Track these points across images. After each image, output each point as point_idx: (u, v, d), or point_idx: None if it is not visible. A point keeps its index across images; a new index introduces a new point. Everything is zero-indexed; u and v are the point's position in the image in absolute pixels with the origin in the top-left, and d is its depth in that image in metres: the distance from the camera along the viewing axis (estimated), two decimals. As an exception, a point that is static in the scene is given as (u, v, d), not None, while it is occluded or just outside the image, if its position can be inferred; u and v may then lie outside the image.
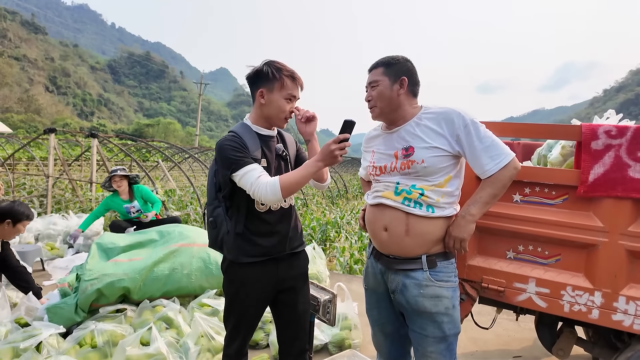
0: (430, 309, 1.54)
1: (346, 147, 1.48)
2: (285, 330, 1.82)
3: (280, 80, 1.61)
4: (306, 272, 1.86)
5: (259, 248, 1.66)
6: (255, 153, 1.62)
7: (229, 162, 1.56)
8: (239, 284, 1.69)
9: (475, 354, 2.92)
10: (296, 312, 1.80)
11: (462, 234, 1.53)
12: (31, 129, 48.49)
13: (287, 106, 1.64)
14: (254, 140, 1.65)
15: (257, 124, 1.70)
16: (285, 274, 1.74)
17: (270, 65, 1.62)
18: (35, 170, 14.88)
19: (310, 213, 9.06)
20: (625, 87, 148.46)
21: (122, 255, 3.21)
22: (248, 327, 1.76)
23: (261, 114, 1.68)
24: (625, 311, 1.62)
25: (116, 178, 4.60)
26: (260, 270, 1.68)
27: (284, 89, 1.62)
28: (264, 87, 1.63)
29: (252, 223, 1.66)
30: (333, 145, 1.47)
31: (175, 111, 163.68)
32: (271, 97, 1.63)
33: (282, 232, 1.71)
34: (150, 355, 2.20)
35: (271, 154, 1.71)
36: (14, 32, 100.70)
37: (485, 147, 1.49)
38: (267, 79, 1.61)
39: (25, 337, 2.31)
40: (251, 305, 1.71)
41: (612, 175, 1.62)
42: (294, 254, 1.78)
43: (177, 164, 9.01)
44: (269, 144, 1.71)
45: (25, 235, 5.11)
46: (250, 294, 1.69)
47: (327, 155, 1.49)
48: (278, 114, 1.65)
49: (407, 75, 1.60)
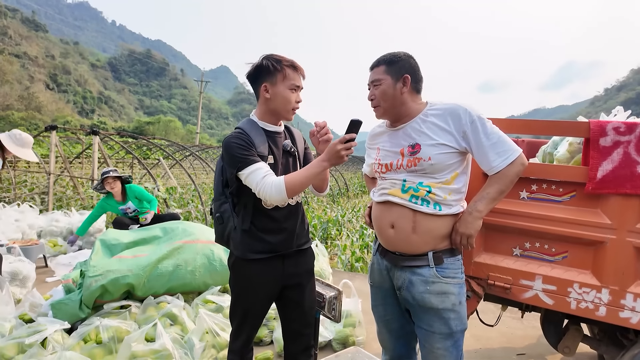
0: (437, 305, 1.54)
1: (352, 147, 1.48)
2: (290, 326, 1.82)
3: (282, 72, 1.60)
4: (312, 269, 1.86)
5: (265, 244, 1.66)
6: (261, 149, 1.61)
7: (235, 160, 1.56)
8: (246, 280, 1.70)
9: (479, 351, 2.92)
10: (302, 309, 1.80)
11: (469, 230, 1.52)
12: (32, 126, 48.49)
13: (292, 97, 1.63)
14: (260, 136, 1.64)
15: (264, 120, 1.69)
16: (292, 271, 1.74)
17: (270, 59, 1.61)
18: (36, 167, 14.88)
19: (311, 211, 9.06)
20: (626, 86, 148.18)
21: (126, 252, 3.22)
22: (254, 323, 1.76)
23: (267, 109, 1.67)
24: (632, 308, 1.61)
25: (109, 180, 4.48)
26: (267, 267, 1.68)
27: (287, 80, 1.61)
28: (267, 81, 1.62)
29: (258, 220, 1.65)
30: (339, 145, 1.47)
31: (175, 109, 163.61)
32: (275, 89, 1.61)
33: (289, 229, 1.70)
34: (155, 351, 2.20)
35: (278, 150, 1.70)
36: (15, 29, 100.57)
37: (492, 143, 1.49)
38: (269, 72, 1.60)
39: (30, 332, 2.31)
40: (257, 301, 1.71)
41: (621, 172, 1.61)
42: (300, 250, 1.78)
43: (179, 162, 9.00)
44: (275, 140, 1.70)
45: (28, 232, 5.12)
46: (257, 289, 1.69)
47: (332, 155, 1.49)
48: (285, 106, 1.64)
49: (410, 73, 1.58)
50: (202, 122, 72.03)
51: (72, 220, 5.49)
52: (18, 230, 5.00)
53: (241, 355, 1.78)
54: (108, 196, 4.66)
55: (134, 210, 4.72)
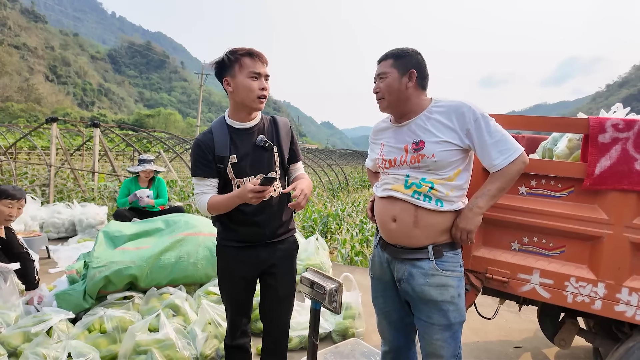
0: (436, 297, 1.57)
1: (261, 198, 1.57)
2: (266, 311, 1.91)
3: (238, 62, 1.61)
4: (291, 257, 1.89)
5: (236, 234, 1.77)
6: (222, 151, 1.68)
7: (191, 165, 1.74)
8: (223, 262, 1.82)
9: (476, 344, 2.96)
10: (277, 296, 1.86)
11: (469, 226, 1.55)
12: (31, 118, 48.36)
13: (253, 85, 1.63)
14: (223, 135, 1.70)
15: (233, 118, 1.73)
16: (267, 257, 1.80)
17: (226, 52, 1.64)
18: (36, 159, 14.88)
19: (311, 205, 9.09)
20: (628, 82, 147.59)
21: (129, 244, 3.25)
22: (238, 304, 1.85)
23: (234, 103, 1.70)
24: (628, 302, 1.64)
25: (149, 169, 4.76)
26: (241, 253, 1.78)
27: (244, 68, 1.62)
28: (227, 75, 1.65)
29: (230, 212, 1.72)
30: (250, 193, 1.54)
31: (175, 102, 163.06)
32: (236, 81, 1.63)
33: (259, 223, 1.75)
34: (159, 340, 2.24)
35: (246, 147, 1.72)
36: (14, 20, 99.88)
37: (495, 141, 1.51)
38: (227, 65, 1.63)
39: (35, 322, 2.35)
40: (234, 282, 1.81)
41: (619, 169, 1.63)
42: (278, 241, 1.83)
43: (179, 155, 9.01)
44: (242, 137, 1.72)
45: (30, 223, 5.15)
46: (232, 272, 1.80)
47: (244, 196, 1.58)
48: (248, 95, 1.64)
49: (417, 68, 1.59)
50: (202, 115, 71.82)
51: (74, 212, 5.51)
52: (20, 222, 5.03)
53: (232, 337, 1.87)
54: (135, 178, 4.86)
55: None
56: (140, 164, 4.77)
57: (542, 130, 1.98)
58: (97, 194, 7.46)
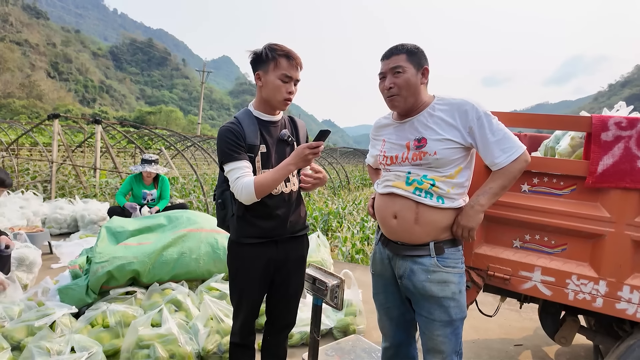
0: (437, 293, 1.57)
1: (317, 155, 1.57)
2: (274, 308, 1.91)
3: (274, 61, 1.62)
4: (303, 257, 1.91)
5: (257, 230, 1.73)
6: (252, 140, 1.67)
7: (221, 153, 1.65)
8: (239, 262, 1.78)
9: (477, 341, 2.97)
10: (287, 293, 1.87)
11: (470, 224, 1.55)
12: (33, 114, 48.40)
13: (282, 87, 1.64)
14: (253, 125, 1.69)
15: (259, 109, 1.74)
16: (283, 255, 1.80)
17: (267, 47, 1.64)
18: (38, 155, 14.91)
19: (312, 203, 9.10)
20: (630, 82, 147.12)
21: (132, 239, 3.26)
22: (250, 305, 1.83)
23: (260, 97, 1.71)
24: (629, 300, 1.65)
25: (152, 173, 4.75)
26: (259, 250, 1.75)
27: (278, 69, 1.63)
28: (260, 69, 1.66)
29: (252, 206, 1.70)
30: (307, 149, 1.54)
31: (177, 99, 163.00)
32: (267, 78, 1.64)
33: (281, 216, 1.75)
34: (161, 335, 2.25)
35: (272, 139, 1.74)
36: (16, 16, 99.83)
37: (497, 140, 1.51)
38: (263, 60, 1.64)
39: (39, 316, 2.37)
40: (250, 282, 1.78)
41: (621, 167, 1.64)
42: (294, 237, 1.83)
43: (180, 152, 9.02)
44: (269, 129, 1.74)
45: (32, 219, 5.17)
46: (249, 271, 1.77)
47: (300, 158, 1.57)
48: (275, 95, 1.66)
49: (428, 66, 1.60)
50: (203, 113, 71.80)
51: (76, 208, 5.54)
52: (23, 217, 5.06)
53: (241, 337, 1.86)
54: (139, 176, 4.84)
55: (152, 199, 4.84)
56: (142, 164, 4.75)
57: (545, 128, 1.98)
58: (99, 191, 7.48)
